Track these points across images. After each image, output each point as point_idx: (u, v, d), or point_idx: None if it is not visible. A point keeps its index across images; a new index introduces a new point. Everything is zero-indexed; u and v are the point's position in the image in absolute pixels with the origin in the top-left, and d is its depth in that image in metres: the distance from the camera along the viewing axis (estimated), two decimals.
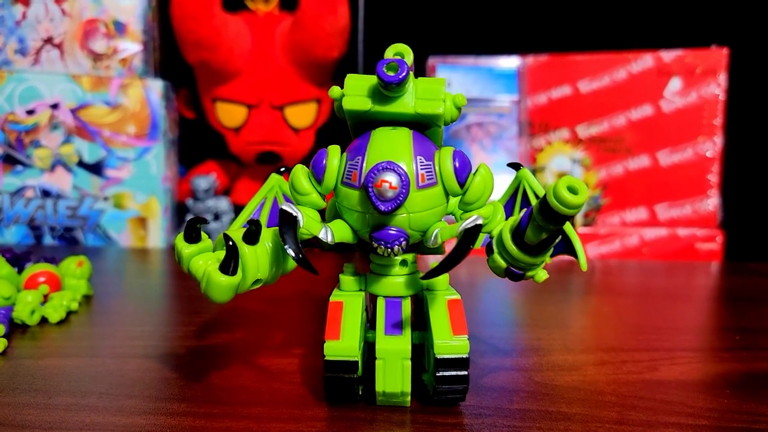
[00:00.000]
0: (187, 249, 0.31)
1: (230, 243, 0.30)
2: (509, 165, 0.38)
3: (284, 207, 0.31)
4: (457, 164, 0.32)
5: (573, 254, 0.34)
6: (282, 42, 0.85)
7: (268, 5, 0.87)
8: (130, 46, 0.84)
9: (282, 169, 0.38)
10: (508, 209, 0.37)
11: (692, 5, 0.93)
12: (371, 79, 0.33)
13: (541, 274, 0.33)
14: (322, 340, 0.33)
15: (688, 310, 0.60)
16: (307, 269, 0.30)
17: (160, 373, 0.39)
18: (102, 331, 0.48)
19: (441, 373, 0.32)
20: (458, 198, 0.33)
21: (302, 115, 0.88)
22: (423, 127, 0.34)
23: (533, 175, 0.37)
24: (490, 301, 0.62)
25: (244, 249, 0.31)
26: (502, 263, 0.31)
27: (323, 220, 0.34)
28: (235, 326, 0.50)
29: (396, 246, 0.32)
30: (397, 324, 0.33)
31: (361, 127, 0.35)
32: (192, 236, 0.31)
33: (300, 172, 0.33)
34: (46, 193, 0.84)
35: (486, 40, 0.96)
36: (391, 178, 0.30)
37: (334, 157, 0.33)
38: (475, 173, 0.33)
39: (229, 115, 0.88)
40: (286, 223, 0.30)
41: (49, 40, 0.83)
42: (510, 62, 0.92)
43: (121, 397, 0.35)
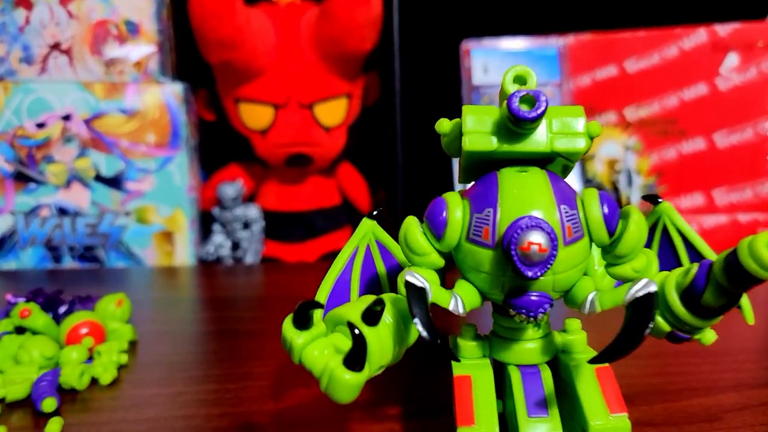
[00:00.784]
0: (299, 338, 0.25)
1: (356, 332, 0.24)
2: (645, 198, 0.32)
3: (409, 278, 0.25)
4: (606, 210, 0.27)
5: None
6: (308, 35, 0.79)
7: None
8: (145, 48, 0.77)
9: (375, 212, 0.33)
10: None
11: None
12: (492, 111, 0.28)
13: (710, 335, 0.28)
14: (451, 424, 0.27)
15: None
16: (445, 357, 0.25)
17: None
18: (160, 392, 0.43)
19: None
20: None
21: (333, 112, 0.82)
22: (546, 161, 0.29)
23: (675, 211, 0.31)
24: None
25: (367, 334, 0.25)
26: (665, 327, 0.26)
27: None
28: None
29: (540, 314, 0.26)
30: (540, 402, 0.28)
31: (476, 167, 0.29)
32: (304, 322, 0.25)
33: (414, 227, 0.28)
34: (62, 211, 0.78)
35: (524, 20, 0.89)
36: (540, 239, 0.24)
37: (456, 208, 0.27)
38: (626, 219, 0.27)
39: (255, 116, 0.81)
40: (415, 298, 0.25)
41: (56, 46, 0.76)
42: (550, 43, 0.86)
43: None
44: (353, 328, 0.24)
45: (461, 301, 0.27)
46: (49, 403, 0.37)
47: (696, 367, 0.43)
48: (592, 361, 0.24)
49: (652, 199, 0.32)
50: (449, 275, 0.30)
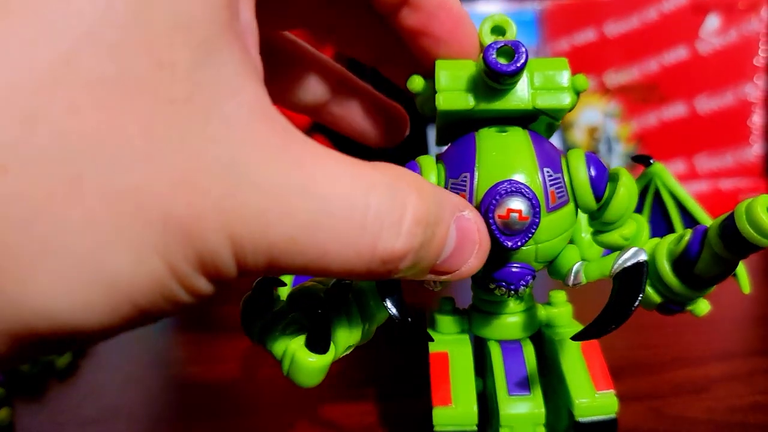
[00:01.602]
0: (258, 318, 0.23)
1: (318, 311, 0.22)
2: (634, 159, 0.30)
3: None
4: (593, 173, 0.24)
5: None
6: None
7: None
8: None
9: None
10: None
11: None
12: (467, 66, 0.25)
13: (703, 306, 0.26)
14: (427, 404, 0.25)
15: None
16: (418, 337, 0.23)
17: None
18: (119, 378, 0.40)
19: None
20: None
21: None
22: (528, 120, 0.27)
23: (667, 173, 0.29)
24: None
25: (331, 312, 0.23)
26: (656, 298, 0.24)
27: None
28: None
29: (522, 287, 0.24)
30: (522, 380, 0.26)
31: (453, 128, 0.27)
32: (263, 302, 0.23)
33: None
34: None
35: None
36: (521, 206, 0.22)
37: (429, 172, 0.25)
38: (614, 182, 0.25)
39: None
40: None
41: None
42: (527, 6, 0.83)
43: None
44: (314, 308, 0.22)
45: None
46: None
47: (681, 338, 0.42)
48: (576, 338, 0.22)
49: (643, 160, 0.30)
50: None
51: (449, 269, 0.21)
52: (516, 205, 0.22)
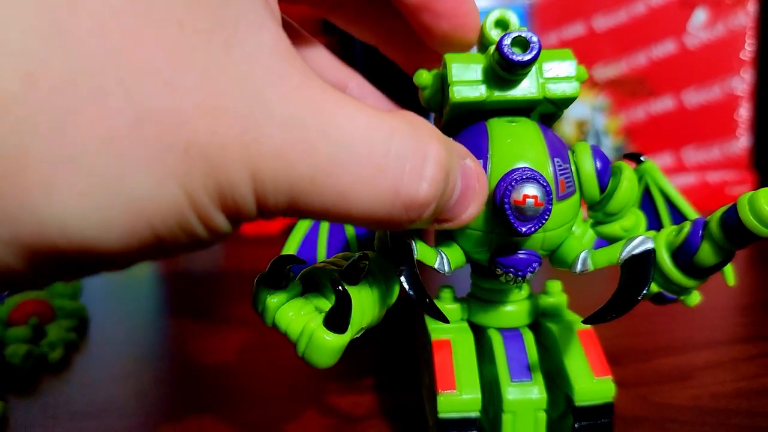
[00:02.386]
0: (273, 297, 0.22)
1: (340, 288, 0.22)
2: (627, 157, 0.30)
3: (395, 233, 0.23)
4: (599, 165, 0.25)
5: None
6: None
7: None
8: None
9: None
10: None
11: None
12: (476, 58, 0.25)
13: (695, 297, 0.27)
14: (433, 391, 0.26)
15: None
16: (434, 317, 0.23)
17: None
18: (112, 373, 0.40)
19: (581, 424, 0.26)
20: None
21: None
22: (527, 112, 0.27)
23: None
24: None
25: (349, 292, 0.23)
26: (653, 287, 0.25)
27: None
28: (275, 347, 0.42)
29: (529, 273, 0.25)
30: (523, 366, 0.26)
31: (461, 120, 0.27)
32: (278, 281, 0.23)
33: None
34: None
35: None
36: (536, 192, 0.22)
37: None
38: (616, 175, 0.26)
39: None
40: (401, 254, 0.23)
41: None
42: (517, 0, 0.84)
43: None
44: (336, 284, 0.22)
45: (447, 259, 0.25)
46: None
47: (666, 326, 0.43)
48: (586, 321, 0.23)
49: (634, 157, 0.30)
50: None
51: (452, 217, 0.21)
52: (531, 191, 0.22)
